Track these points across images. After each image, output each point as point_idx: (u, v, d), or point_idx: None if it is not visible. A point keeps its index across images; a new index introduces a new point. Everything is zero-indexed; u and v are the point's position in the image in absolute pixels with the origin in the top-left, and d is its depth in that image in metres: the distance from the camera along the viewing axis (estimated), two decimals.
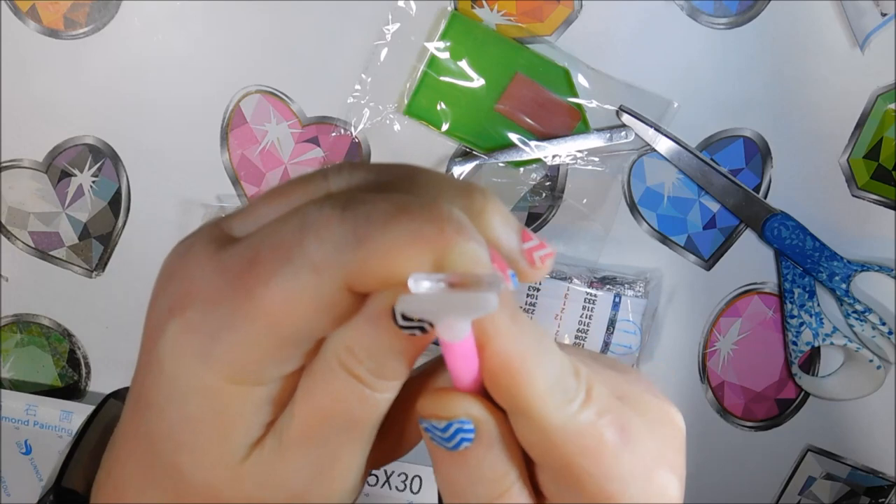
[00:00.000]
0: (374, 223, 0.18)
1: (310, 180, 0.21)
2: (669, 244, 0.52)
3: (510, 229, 0.21)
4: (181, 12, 0.50)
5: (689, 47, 0.50)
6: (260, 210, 0.21)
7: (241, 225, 0.21)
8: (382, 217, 0.18)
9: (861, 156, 0.51)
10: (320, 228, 0.18)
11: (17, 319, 0.53)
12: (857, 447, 0.53)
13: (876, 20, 0.47)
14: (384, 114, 0.50)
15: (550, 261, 0.21)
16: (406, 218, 0.18)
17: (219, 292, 0.19)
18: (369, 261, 0.18)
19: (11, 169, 0.51)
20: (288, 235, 0.19)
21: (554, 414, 0.19)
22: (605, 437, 0.20)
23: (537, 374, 0.19)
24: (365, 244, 0.18)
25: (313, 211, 0.19)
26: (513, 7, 0.49)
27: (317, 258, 0.18)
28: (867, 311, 0.50)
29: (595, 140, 0.50)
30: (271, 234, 0.19)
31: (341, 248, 0.18)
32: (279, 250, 0.19)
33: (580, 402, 0.20)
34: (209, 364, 0.19)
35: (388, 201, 0.19)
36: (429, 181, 0.21)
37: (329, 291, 0.18)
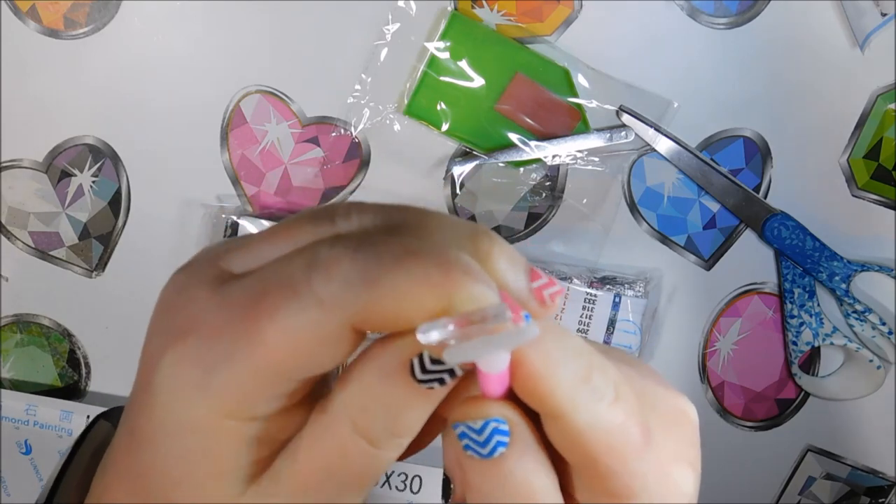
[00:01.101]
0: (384, 264, 0.19)
1: (315, 221, 0.21)
2: (669, 244, 0.52)
3: (518, 270, 0.21)
4: (181, 12, 0.50)
5: (689, 47, 0.50)
6: (262, 247, 0.21)
7: (241, 261, 0.21)
8: (392, 259, 0.19)
9: (861, 156, 0.51)
10: (330, 266, 0.19)
11: (17, 319, 0.53)
12: (857, 447, 0.53)
13: (876, 20, 0.47)
14: (384, 114, 0.50)
15: (560, 298, 0.21)
16: (414, 261, 0.18)
17: (220, 326, 0.19)
18: (377, 301, 0.18)
19: (11, 169, 0.51)
20: (297, 271, 0.19)
21: (583, 414, 0.20)
22: (631, 437, 0.20)
23: (562, 375, 0.19)
24: (374, 285, 0.18)
25: (324, 249, 0.19)
26: (513, 7, 0.49)
27: (325, 295, 0.18)
28: (867, 311, 0.50)
29: (595, 140, 0.50)
30: (279, 270, 0.20)
31: (350, 286, 0.18)
32: (287, 286, 0.19)
33: (609, 402, 0.20)
34: (206, 398, 0.19)
35: (399, 244, 0.19)
36: (437, 224, 0.21)
37: (334, 329, 0.19)
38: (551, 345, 0.20)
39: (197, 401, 0.19)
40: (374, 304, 0.18)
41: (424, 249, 0.19)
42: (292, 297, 0.19)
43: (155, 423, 0.20)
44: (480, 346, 0.18)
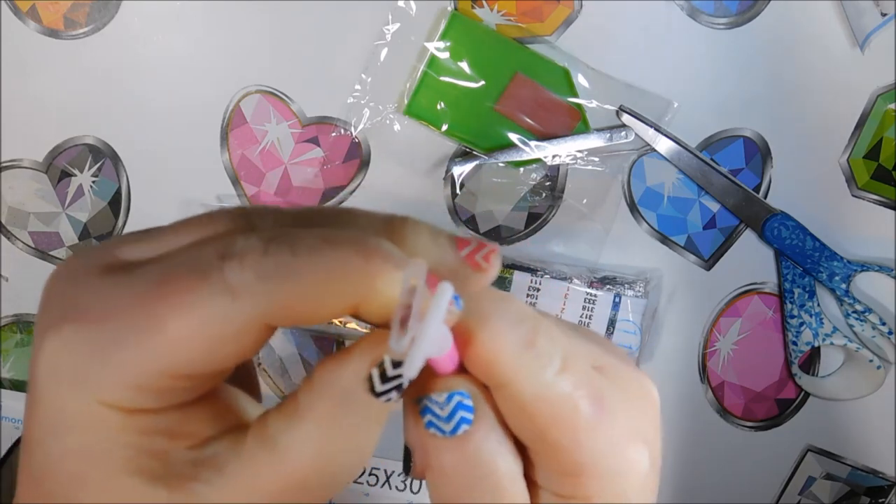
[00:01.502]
0: (301, 254, 0.18)
1: (231, 217, 0.20)
2: (669, 244, 0.52)
3: (441, 243, 0.20)
4: (181, 12, 0.50)
5: (689, 47, 0.50)
6: (166, 237, 0.20)
7: (137, 250, 0.20)
8: (309, 249, 0.18)
9: (861, 156, 0.51)
10: (245, 256, 0.18)
11: (17, 319, 0.53)
12: (857, 447, 0.53)
13: (876, 20, 0.47)
14: (384, 114, 0.50)
15: (495, 256, 0.20)
16: (332, 249, 0.18)
17: (108, 311, 0.18)
18: (295, 292, 0.18)
19: (11, 169, 0.51)
20: (208, 259, 0.18)
21: (527, 382, 0.19)
22: (580, 409, 0.19)
23: (503, 340, 0.19)
24: (292, 275, 0.17)
25: (239, 239, 0.18)
26: (513, 7, 0.49)
27: (238, 285, 0.17)
28: (867, 311, 0.50)
29: (595, 140, 0.50)
30: (187, 256, 0.18)
31: (266, 277, 0.17)
32: (196, 272, 0.18)
33: (555, 370, 0.19)
34: (85, 389, 0.18)
35: (315, 234, 0.18)
36: (351, 217, 0.21)
37: (245, 322, 0.18)
38: (490, 310, 0.19)
39: (75, 392, 0.18)
40: (291, 295, 0.18)
41: (341, 238, 0.18)
42: (201, 284, 0.17)
43: (39, 422, 0.19)
44: (419, 331, 0.17)
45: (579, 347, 0.21)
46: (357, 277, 0.18)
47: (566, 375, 0.19)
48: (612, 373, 0.21)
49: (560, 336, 0.20)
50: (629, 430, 0.21)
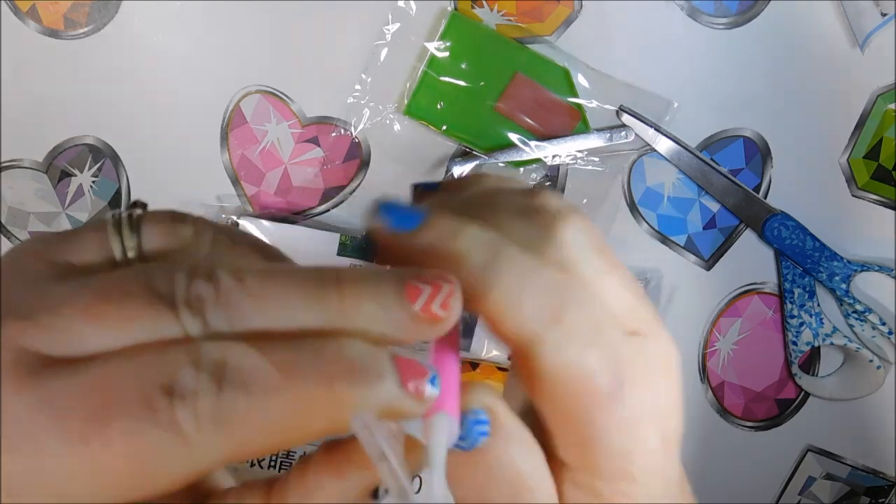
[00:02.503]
0: (257, 394, 0.16)
1: (153, 310, 0.17)
2: (669, 244, 0.52)
3: (388, 304, 0.18)
4: (181, 12, 0.50)
5: (689, 47, 0.50)
6: (82, 328, 0.17)
7: (54, 342, 0.17)
8: (265, 388, 0.16)
9: (861, 156, 0.51)
10: (196, 397, 0.16)
11: None
12: (857, 447, 0.53)
13: (876, 20, 0.47)
14: (384, 114, 0.50)
15: (455, 298, 0.18)
16: (290, 384, 0.17)
17: (45, 434, 0.16)
18: (254, 436, 0.17)
19: (11, 169, 0.51)
20: (153, 393, 0.16)
21: (548, 355, 0.19)
22: (599, 387, 0.19)
23: (523, 313, 0.19)
24: (249, 420, 0.16)
25: (186, 371, 0.16)
26: (513, 7, 0.49)
27: (188, 430, 0.16)
28: (867, 311, 0.50)
29: (595, 140, 0.50)
30: (126, 382, 0.16)
31: (220, 423, 0.16)
32: (141, 408, 0.16)
33: (580, 346, 0.19)
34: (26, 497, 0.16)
35: (270, 366, 0.17)
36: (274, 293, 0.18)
37: (194, 465, 0.17)
38: (514, 286, 0.19)
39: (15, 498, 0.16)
40: (250, 438, 0.16)
41: (300, 368, 0.17)
42: (149, 424, 0.16)
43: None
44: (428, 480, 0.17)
45: (611, 315, 0.20)
46: (324, 412, 0.17)
47: (591, 351, 0.19)
48: (639, 343, 0.21)
49: (589, 303, 0.19)
50: (644, 410, 0.20)
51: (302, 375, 0.17)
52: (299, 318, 0.17)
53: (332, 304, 0.18)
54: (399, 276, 0.18)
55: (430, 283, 0.18)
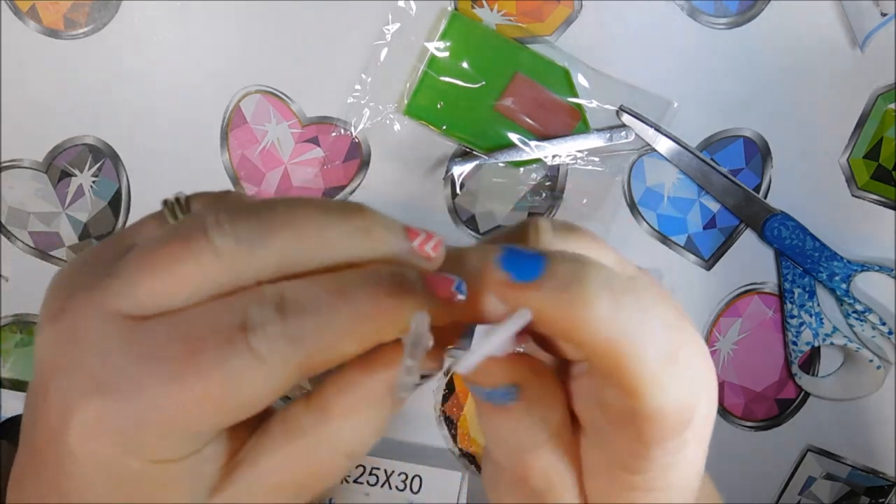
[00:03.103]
0: (319, 314, 0.19)
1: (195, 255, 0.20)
2: (669, 244, 0.52)
3: (396, 235, 0.21)
4: (181, 12, 0.50)
5: (689, 47, 0.50)
6: (150, 287, 0.20)
7: (141, 301, 0.20)
8: (323, 308, 0.19)
9: (861, 156, 0.51)
10: (266, 326, 0.19)
11: (17, 319, 0.53)
12: (857, 447, 0.53)
13: (876, 20, 0.47)
14: (384, 114, 0.50)
15: (441, 247, 0.22)
16: (345, 302, 0.20)
17: (145, 379, 0.19)
18: (321, 350, 0.19)
19: (11, 169, 0.51)
20: (229, 329, 0.19)
21: (661, 393, 0.19)
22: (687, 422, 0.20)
23: (645, 359, 0.19)
24: (314, 338, 0.19)
25: (253, 309, 0.19)
26: (513, 7, 0.49)
27: (265, 353, 0.19)
28: (867, 311, 0.50)
29: (595, 140, 0.50)
30: (209, 323, 0.20)
31: (291, 341, 0.19)
32: (224, 343, 0.19)
33: (693, 386, 0.20)
34: (133, 452, 0.20)
35: (324, 289, 0.20)
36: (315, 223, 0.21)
37: (277, 385, 0.19)
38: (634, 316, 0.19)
39: (125, 456, 0.19)
40: (317, 353, 0.19)
41: (350, 287, 0.20)
42: (231, 354, 0.19)
43: (77, 481, 0.20)
44: (485, 350, 0.19)
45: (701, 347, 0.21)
46: (372, 322, 0.20)
47: (696, 390, 0.20)
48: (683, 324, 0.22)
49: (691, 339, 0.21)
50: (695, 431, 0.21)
51: (350, 294, 0.20)
52: (336, 247, 0.21)
53: (357, 221, 0.21)
54: (399, 223, 0.22)
55: (424, 231, 0.22)
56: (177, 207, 0.23)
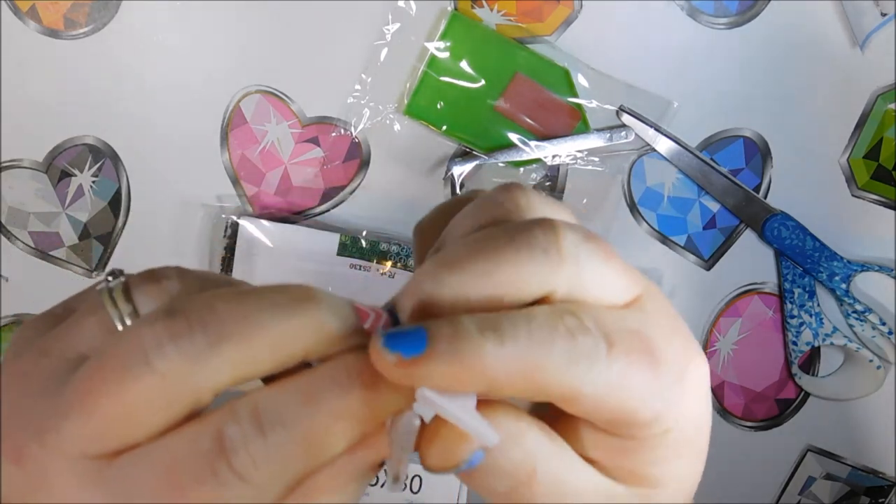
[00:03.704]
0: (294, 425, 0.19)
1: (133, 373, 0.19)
2: (669, 244, 0.52)
3: (346, 320, 0.20)
4: (181, 12, 0.50)
5: (689, 47, 0.50)
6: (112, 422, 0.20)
7: (99, 443, 0.20)
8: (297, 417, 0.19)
9: (861, 156, 0.51)
10: (248, 444, 0.19)
11: (17, 319, 0.53)
12: (857, 447, 0.53)
13: (876, 20, 0.47)
14: (384, 114, 0.50)
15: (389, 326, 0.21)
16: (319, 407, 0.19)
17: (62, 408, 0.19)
18: (306, 458, 0.19)
19: (11, 169, 0.51)
20: (205, 457, 0.19)
21: (590, 387, 0.19)
22: (641, 371, 0.20)
23: (548, 367, 0.19)
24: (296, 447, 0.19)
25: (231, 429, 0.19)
26: (513, 7, 0.49)
27: (251, 474, 0.19)
28: (867, 311, 0.50)
29: (595, 140, 0.50)
30: (182, 452, 0.19)
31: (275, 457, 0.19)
32: (204, 473, 0.19)
33: (604, 354, 0.20)
34: None
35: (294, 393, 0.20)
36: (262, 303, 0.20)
37: (270, 497, 0.19)
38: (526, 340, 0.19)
39: None
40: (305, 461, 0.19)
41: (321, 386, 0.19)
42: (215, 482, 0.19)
43: None
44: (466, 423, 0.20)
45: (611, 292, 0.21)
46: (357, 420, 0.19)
47: (614, 354, 0.20)
48: (643, 304, 0.22)
49: (592, 314, 0.20)
50: (683, 349, 0.21)
51: (325, 396, 0.19)
52: (289, 346, 0.20)
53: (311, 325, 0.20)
54: (350, 301, 0.21)
55: (372, 310, 0.21)
56: (116, 295, 0.21)
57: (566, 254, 0.20)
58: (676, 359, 0.21)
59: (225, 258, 0.50)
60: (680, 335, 0.22)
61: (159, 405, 0.19)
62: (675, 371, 0.21)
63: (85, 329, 0.21)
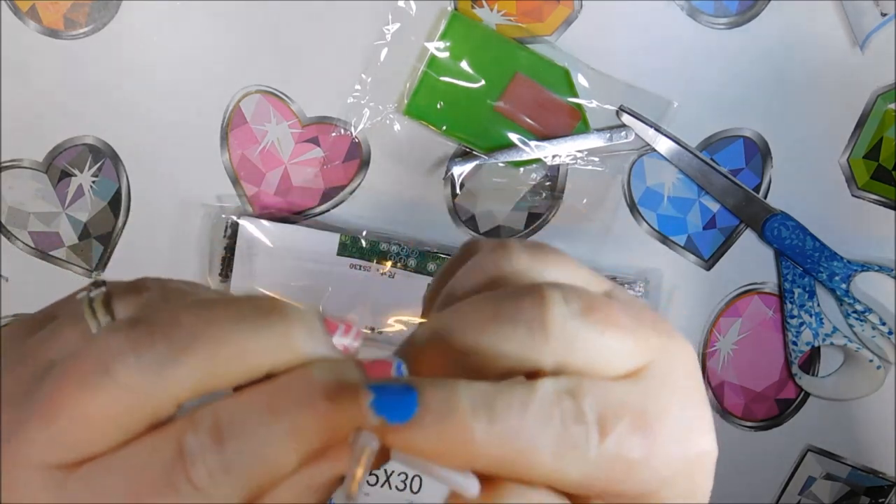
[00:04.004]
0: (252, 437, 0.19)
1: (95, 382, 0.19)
2: (669, 244, 0.52)
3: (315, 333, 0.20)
4: (181, 12, 0.50)
5: (689, 47, 0.50)
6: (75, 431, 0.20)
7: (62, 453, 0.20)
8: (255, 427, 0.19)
9: (861, 156, 0.51)
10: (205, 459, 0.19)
11: (17, 319, 0.53)
12: (857, 447, 0.53)
13: (876, 20, 0.47)
14: (384, 114, 0.50)
15: (360, 338, 0.21)
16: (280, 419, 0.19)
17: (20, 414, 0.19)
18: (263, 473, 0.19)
19: (11, 169, 0.51)
20: (164, 468, 0.19)
21: (576, 472, 0.19)
22: (632, 455, 0.19)
23: (537, 462, 0.19)
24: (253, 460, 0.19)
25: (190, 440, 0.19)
26: (513, 7, 0.49)
27: (207, 486, 0.18)
28: (867, 311, 0.50)
29: (595, 140, 0.50)
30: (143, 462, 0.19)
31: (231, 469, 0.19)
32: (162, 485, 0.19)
33: (596, 443, 0.19)
34: None
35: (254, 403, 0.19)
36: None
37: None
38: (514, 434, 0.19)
39: None
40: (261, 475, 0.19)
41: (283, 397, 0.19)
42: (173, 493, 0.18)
43: None
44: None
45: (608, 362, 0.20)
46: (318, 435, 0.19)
47: (606, 438, 0.19)
48: (650, 373, 0.21)
49: (585, 398, 0.19)
50: (683, 424, 0.20)
51: (286, 408, 0.19)
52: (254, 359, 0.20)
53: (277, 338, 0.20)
54: (320, 312, 0.21)
55: (342, 322, 0.21)
56: (95, 304, 0.21)
57: (551, 331, 0.19)
58: (678, 436, 0.20)
59: (225, 258, 0.50)
60: (690, 410, 0.21)
61: (120, 416, 0.19)
62: (674, 452, 0.20)
63: (62, 338, 0.21)
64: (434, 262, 0.50)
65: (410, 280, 0.49)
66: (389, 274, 0.50)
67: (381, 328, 0.50)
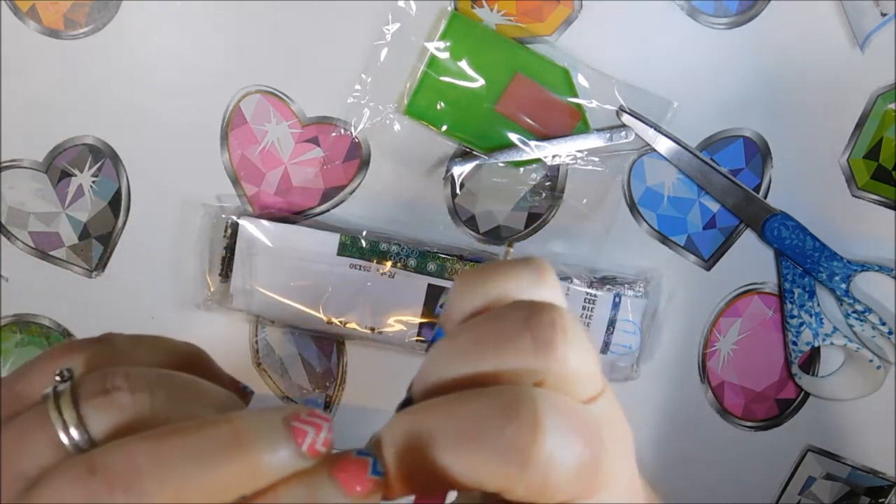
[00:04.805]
0: None
1: None
2: (669, 244, 0.52)
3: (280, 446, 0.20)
4: (181, 12, 0.50)
5: (689, 47, 0.50)
6: None
7: None
8: None
9: (861, 156, 0.51)
10: None
11: (17, 319, 0.53)
12: (857, 447, 0.53)
13: (876, 20, 0.47)
14: (384, 114, 0.50)
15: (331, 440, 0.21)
16: None
17: None
18: None
19: (11, 169, 0.51)
20: None
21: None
22: None
23: None
24: None
25: None
26: (513, 7, 0.49)
27: None
28: (867, 311, 0.50)
29: (595, 140, 0.50)
30: None
31: None
32: None
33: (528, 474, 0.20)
34: None
35: None
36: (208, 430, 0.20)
37: None
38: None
39: None
40: None
41: None
42: None
43: None
44: None
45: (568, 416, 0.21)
46: None
47: None
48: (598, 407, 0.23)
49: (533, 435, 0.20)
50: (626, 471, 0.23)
51: None
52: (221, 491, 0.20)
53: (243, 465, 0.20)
54: (285, 417, 0.20)
55: (311, 424, 0.20)
56: (63, 402, 0.21)
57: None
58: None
59: (225, 258, 0.50)
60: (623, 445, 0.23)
61: None
62: None
63: (31, 445, 0.21)
64: (434, 262, 0.50)
65: (410, 280, 0.49)
66: (389, 274, 0.50)
67: (380, 328, 0.50)
